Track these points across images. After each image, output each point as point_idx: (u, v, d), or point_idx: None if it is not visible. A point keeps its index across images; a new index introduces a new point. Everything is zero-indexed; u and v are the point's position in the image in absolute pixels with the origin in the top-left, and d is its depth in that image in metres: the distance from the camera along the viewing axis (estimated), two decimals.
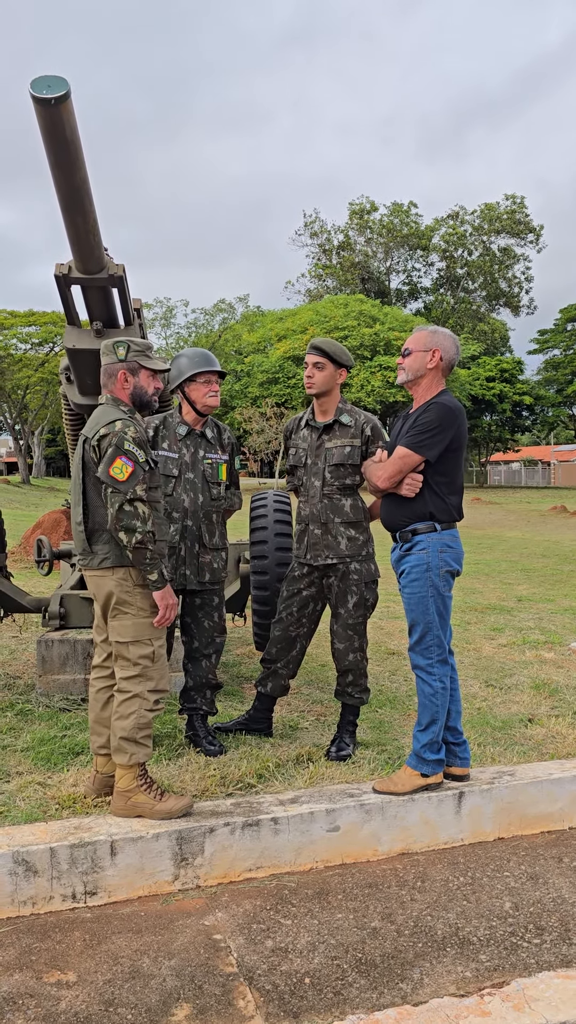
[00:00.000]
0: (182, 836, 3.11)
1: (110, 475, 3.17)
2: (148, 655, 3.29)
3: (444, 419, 3.36)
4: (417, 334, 3.50)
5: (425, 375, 3.46)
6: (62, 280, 4.23)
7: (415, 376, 3.47)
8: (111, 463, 3.17)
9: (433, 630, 3.43)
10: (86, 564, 3.36)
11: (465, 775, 3.57)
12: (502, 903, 2.99)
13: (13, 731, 4.27)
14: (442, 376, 3.49)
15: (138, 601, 3.29)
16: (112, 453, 3.18)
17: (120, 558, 3.27)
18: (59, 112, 3.31)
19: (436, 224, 57.71)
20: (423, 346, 3.46)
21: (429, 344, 3.45)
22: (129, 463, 3.18)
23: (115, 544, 3.27)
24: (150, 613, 3.31)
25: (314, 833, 3.27)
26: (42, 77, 3.30)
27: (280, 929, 2.82)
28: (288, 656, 4.14)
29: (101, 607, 3.38)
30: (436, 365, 3.45)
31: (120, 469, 3.17)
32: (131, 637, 3.27)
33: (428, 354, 3.45)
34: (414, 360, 3.46)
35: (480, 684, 5.30)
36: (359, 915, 2.90)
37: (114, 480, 3.17)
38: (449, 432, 3.37)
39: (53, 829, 3.10)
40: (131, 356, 3.36)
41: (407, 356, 3.48)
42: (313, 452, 4.01)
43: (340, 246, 57.83)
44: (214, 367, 4.01)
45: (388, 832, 3.37)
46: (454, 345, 3.48)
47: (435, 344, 3.45)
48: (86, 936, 2.79)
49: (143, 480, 3.23)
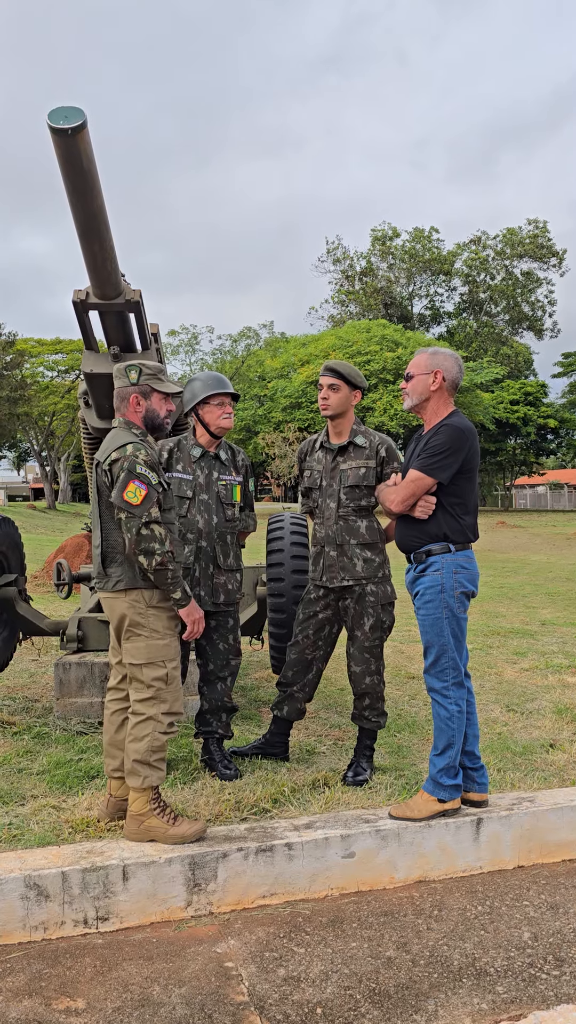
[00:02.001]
0: (195, 861, 3.07)
1: (124, 500, 3.18)
2: (162, 677, 3.27)
3: (455, 441, 3.35)
4: (417, 357, 3.49)
5: (430, 397, 3.45)
6: (80, 306, 4.28)
7: (420, 399, 3.46)
8: (124, 488, 3.18)
9: (448, 652, 3.38)
10: (101, 587, 3.37)
11: (483, 801, 3.51)
12: (521, 933, 2.91)
13: (30, 754, 4.26)
14: (448, 396, 3.47)
15: (151, 623, 3.28)
16: (125, 478, 3.19)
17: (133, 580, 3.27)
18: (76, 142, 3.38)
19: (458, 249, 57.99)
20: (424, 369, 3.45)
21: (430, 366, 3.44)
22: (142, 486, 3.19)
23: (128, 566, 3.27)
24: (164, 635, 3.30)
25: (329, 859, 3.22)
26: (59, 108, 3.37)
27: (293, 958, 2.77)
28: (304, 679, 4.11)
29: (115, 629, 3.38)
30: (439, 386, 3.44)
31: (134, 493, 3.18)
32: (144, 659, 3.27)
33: (430, 376, 3.43)
34: (417, 384, 3.45)
35: (501, 708, 5.22)
36: (374, 944, 2.85)
37: (128, 504, 3.18)
38: (461, 454, 3.35)
39: (65, 853, 3.08)
40: (143, 379, 3.38)
41: (409, 380, 3.47)
42: (328, 474, 4.01)
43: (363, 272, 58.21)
44: (227, 389, 4.03)
45: (404, 859, 3.31)
46: (456, 364, 3.46)
47: (436, 365, 3.44)
48: (97, 962, 2.75)
49: (157, 502, 3.24)
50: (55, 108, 3.37)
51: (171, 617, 3.35)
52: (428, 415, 3.47)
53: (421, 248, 57.34)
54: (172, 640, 3.34)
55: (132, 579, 3.27)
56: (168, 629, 3.33)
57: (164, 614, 3.32)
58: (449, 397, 3.48)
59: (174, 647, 3.34)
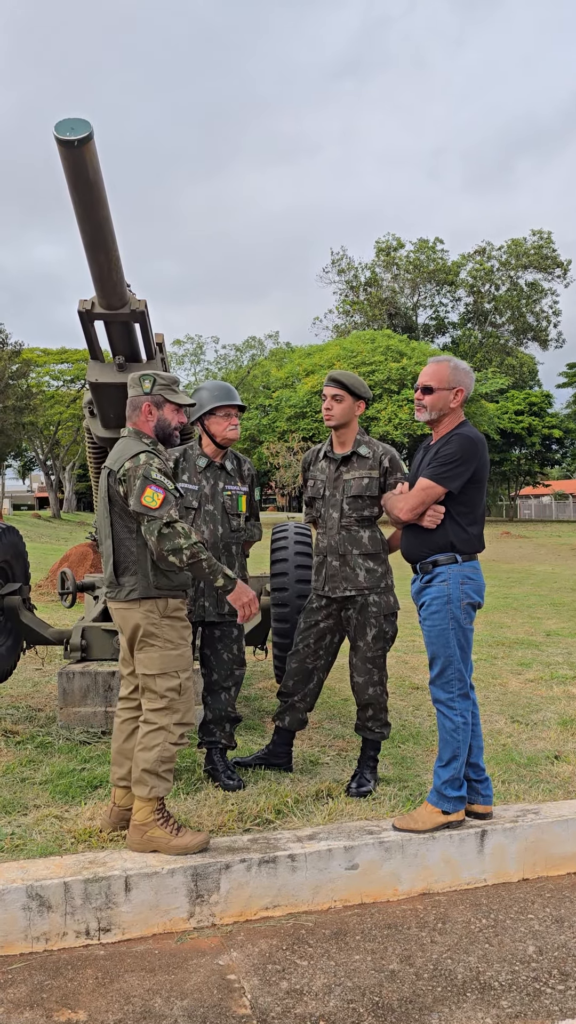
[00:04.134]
0: (198, 872, 3.06)
1: (143, 504, 3.18)
2: (175, 687, 3.26)
3: (467, 451, 3.34)
4: (437, 369, 3.43)
5: (448, 414, 3.45)
6: (85, 316, 4.30)
7: (439, 415, 3.45)
8: (142, 493, 3.19)
9: (454, 663, 3.37)
10: (113, 596, 3.36)
11: (488, 813, 3.49)
12: (525, 947, 2.89)
13: (33, 764, 4.26)
14: (461, 410, 3.48)
15: (165, 633, 3.28)
16: (141, 484, 3.19)
17: (147, 590, 3.27)
18: (82, 154, 3.40)
19: (463, 260, 58.08)
20: (446, 384, 3.41)
21: (452, 382, 3.41)
22: (159, 490, 3.20)
23: (142, 576, 3.27)
24: (177, 645, 3.29)
25: (332, 871, 3.20)
26: (66, 120, 3.40)
27: (296, 970, 2.75)
28: (305, 689, 4.10)
29: (128, 640, 3.37)
30: (459, 403, 3.44)
31: (152, 497, 3.19)
32: (158, 669, 3.26)
33: (451, 393, 3.42)
34: (437, 399, 3.43)
35: (506, 720, 5.20)
36: (377, 957, 2.83)
37: (148, 508, 3.18)
38: (472, 464, 3.35)
39: (68, 863, 3.07)
40: (157, 390, 3.39)
41: (429, 394, 3.43)
42: (331, 484, 4.01)
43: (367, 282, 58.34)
44: (234, 401, 4.04)
45: (408, 871, 3.29)
46: (471, 379, 3.46)
47: (458, 383, 3.42)
48: (98, 974, 2.74)
49: (176, 504, 3.25)
50: (62, 120, 3.40)
51: (184, 627, 3.35)
52: (441, 428, 3.47)
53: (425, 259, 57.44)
54: (186, 650, 3.33)
55: (146, 588, 3.27)
56: (182, 639, 3.32)
57: (178, 624, 3.32)
58: (461, 411, 3.49)
59: (187, 657, 3.33)
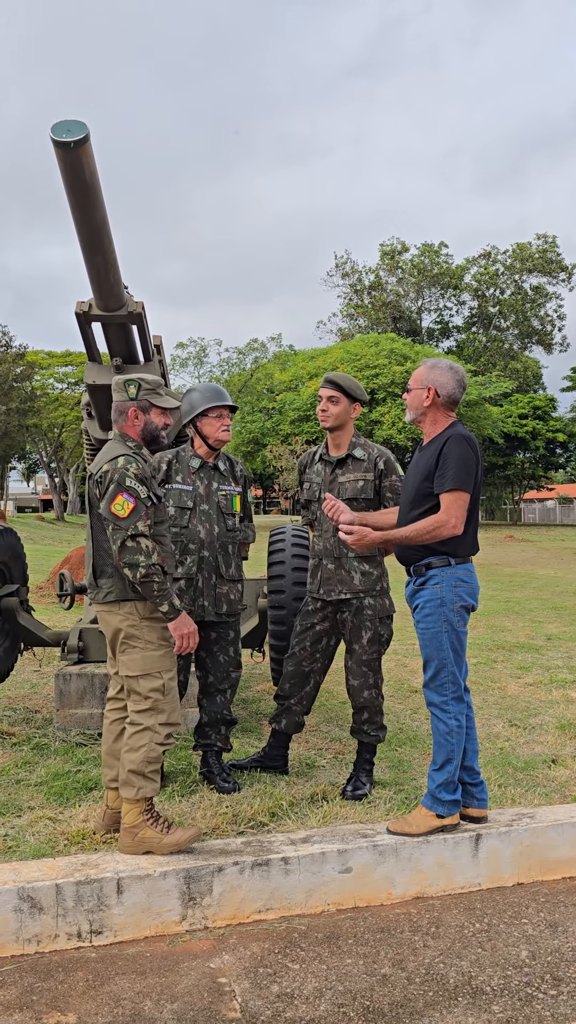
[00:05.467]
0: (190, 875, 3.05)
1: (112, 512, 3.19)
2: (159, 688, 3.26)
3: (463, 450, 3.33)
4: (418, 370, 3.48)
5: (426, 412, 3.44)
6: (83, 317, 4.31)
7: (417, 413, 3.45)
8: (112, 500, 3.19)
9: (448, 666, 3.36)
10: (93, 598, 3.37)
11: (483, 817, 3.47)
12: (518, 952, 2.88)
13: (28, 765, 4.25)
14: (445, 411, 3.45)
15: (146, 635, 3.28)
16: (113, 490, 3.20)
17: (124, 592, 3.27)
18: (78, 155, 3.41)
19: (467, 263, 58.08)
20: (420, 383, 3.43)
21: (424, 381, 3.42)
22: (130, 499, 3.19)
23: (119, 578, 3.27)
24: (159, 646, 3.29)
25: (326, 874, 3.19)
26: (62, 122, 3.41)
27: (287, 974, 2.74)
28: (302, 692, 4.09)
29: (109, 642, 3.38)
30: (432, 402, 3.42)
31: (121, 506, 3.19)
32: (140, 671, 3.26)
33: (423, 392, 3.42)
34: (413, 397, 3.45)
35: (504, 723, 5.18)
36: (369, 961, 2.82)
37: (115, 517, 3.18)
38: (472, 461, 3.34)
39: (60, 865, 3.06)
40: (142, 395, 3.39)
41: (408, 393, 3.47)
42: (327, 486, 4.00)
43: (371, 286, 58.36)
44: (226, 402, 4.04)
45: (402, 875, 3.28)
46: (452, 379, 3.41)
47: (430, 381, 3.41)
48: (89, 976, 2.73)
49: (145, 516, 3.23)
50: (58, 122, 3.40)
51: (166, 628, 3.34)
52: (427, 427, 3.47)
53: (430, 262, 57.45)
54: (168, 651, 3.33)
55: (123, 591, 3.27)
56: (163, 640, 3.32)
57: (158, 625, 3.32)
58: (446, 411, 3.46)
59: (170, 658, 3.33)
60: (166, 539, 3.43)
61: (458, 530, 3.32)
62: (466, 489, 3.31)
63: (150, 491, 3.29)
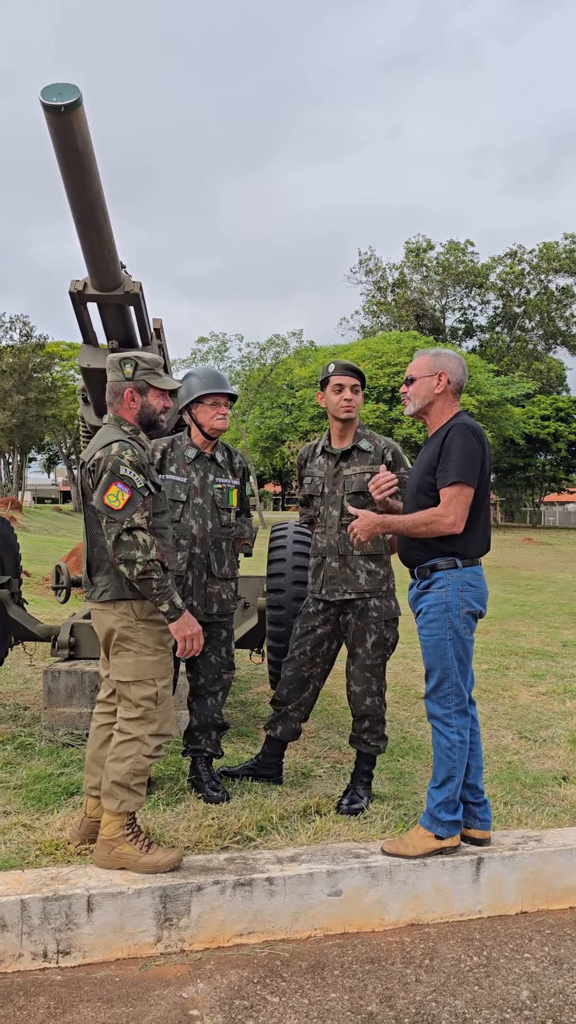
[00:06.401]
0: (167, 894, 2.84)
1: (105, 503, 2.95)
2: (151, 696, 3.04)
3: (470, 440, 3.08)
4: (418, 360, 3.24)
5: (435, 401, 3.20)
6: (77, 297, 4.09)
7: (424, 403, 3.21)
8: (106, 490, 2.95)
9: (451, 677, 3.12)
10: (88, 596, 3.15)
11: (485, 839, 3.23)
12: (519, 991, 2.64)
13: (10, 766, 4.06)
14: (453, 399, 3.21)
15: (141, 638, 3.05)
16: (107, 479, 2.96)
17: (120, 591, 3.04)
18: (70, 120, 3.19)
19: (493, 262, 57.47)
20: (427, 371, 3.19)
21: (434, 367, 3.19)
22: (125, 489, 2.96)
23: (115, 576, 3.04)
24: (154, 651, 3.07)
25: (313, 897, 2.96)
26: (53, 84, 3.19)
27: (265, 1008, 2.52)
28: (300, 698, 3.86)
29: (103, 642, 3.16)
30: (444, 389, 3.18)
31: (115, 497, 2.95)
32: (132, 676, 3.03)
33: (434, 378, 3.18)
34: (420, 387, 3.20)
35: (513, 735, 4.92)
36: (355, 996, 2.59)
37: (109, 509, 2.95)
38: (479, 452, 3.10)
39: (28, 879, 2.86)
40: (139, 375, 3.15)
41: (411, 384, 3.22)
42: (330, 480, 3.77)
43: (395, 283, 57.90)
44: (224, 389, 3.81)
45: (396, 900, 3.05)
46: (460, 365, 3.20)
47: (440, 367, 3.19)
48: (51, 1003, 2.53)
49: (142, 507, 3.00)
50: (48, 85, 3.18)
51: (163, 631, 3.11)
52: (432, 419, 3.22)
53: (455, 261, 56.88)
54: (164, 657, 3.10)
55: (119, 589, 3.05)
56: (160, 644, 3.09)
57: (155, 628, 3.09)
58: (454, 400, 3.22)
59: (165, 664, 3.11)
60: (167, 532, 3.20)
61: (456, 528, 3.07)
62: (470, 483, 3.06)
63: (148, 479, 3.05)
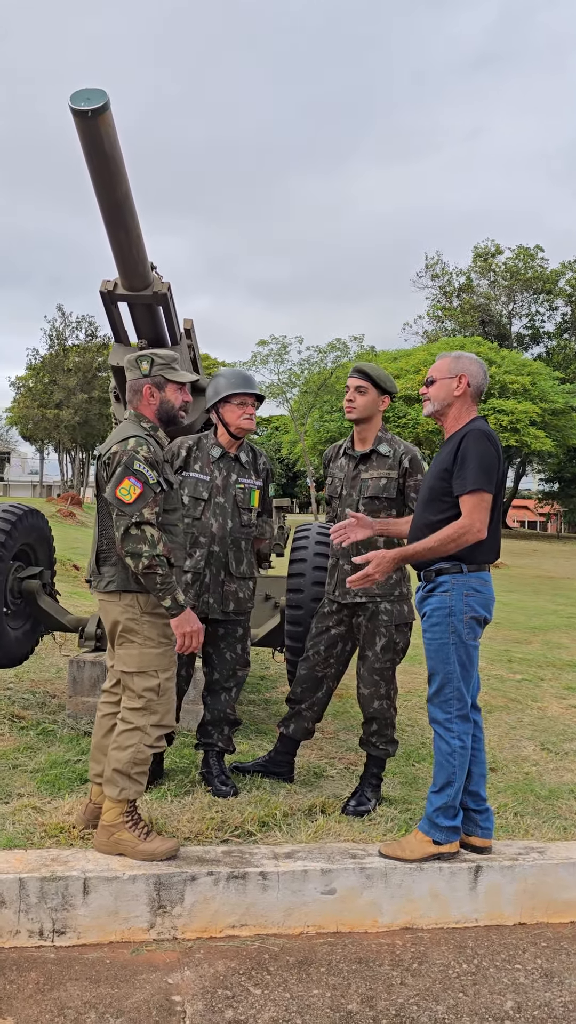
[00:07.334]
0: (161, 881, 2.89)
1: (117, 496, 3.03)
2: (153, 688, 3.11)
3: (485, 446, 3.07)
4: (440, 362, 3.25)
5: (453, 403, 3.19)
6: (107, 296, 4.20)
7: (442, 405, 3.21)
8: (118, 484, 3.03)
9: (453, 682, 3.11)
10: (95, 587, 3.23)
11: (486, 847, 3.20)
12: (503, 1001, 2.61)
13: (30, 750, 4.17)
14: (472, 403, 3.21)
15: (145, 630, 3.12)
16: (120, 473, 3.04)
17: (126, 582, 3.12)
18: (97, 125, 3.29)
19: (563, 268, 56.37)
20: (448, 373, 3.19)
21: (454, 370, 3.19)
22: (137, 484, 3.03)
23: (122, 567, 3.12)
24: (158, 643, 3.13)
25: (307, 894, 2.98)
26: (82, 90, 3.29)
27: (246, 999, 2.55)
28: (313, 697, 3.88)
29: (108, 633, 3.24)
30: (464, 392, 3.18)
31: (127, 490, 3.02)
32: (136, 668, 3.11)
33: (454, 380, 3.18)
34: (439, 389, 3.20)
35: (535, 746, 4.85)
36: (337, 994, 2.60)
37: (120, 502, 3.02)
38: (494, 458, 3.08)
39: (30, 858, 2.95)
40: (156, 371, 3.23)
41: (431, 385, 3.23)
42: (349, 482, 3.79)
43: (461, 288, 57.27)
44: (251, 389, 3.86)
45: (391, 902, 3.05)
46: (480, 369, 3.20)
47: (460, 370, 3.19)
48: (41, 979, 2.61)
49: (153, 503, 3.07)
50: (78, 90, 3.29)
51: (167, 624, 3.18)
52: (449, 422, 3.22)
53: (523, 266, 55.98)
54: (167, 649, 3.17)
55: (124, 581, 3.12)
56: (164, 637, 3.16)
57: (160, 621, 3.15)
58: (472, 404, 3.21)
59: (169, 656, 3.17)
60: (176, 529, 3.26)
61: (483, 534, 3.06)
62: (488, 489, 3.04)
63: (160, 476, 3.12)
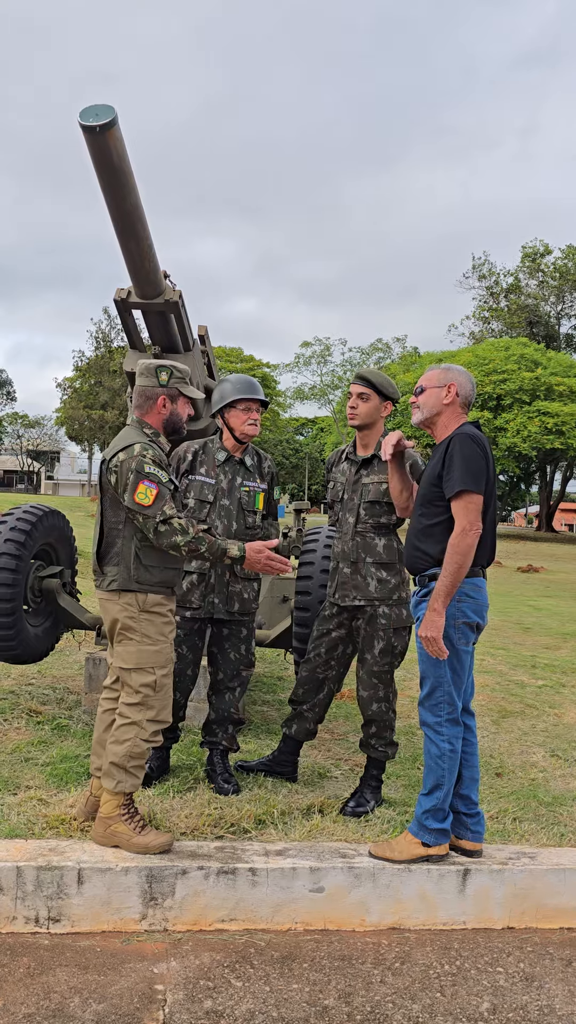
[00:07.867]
0: (153, 874, 2.98)
1: (136, 502, 3.14)
2: (150, 684, 3.21)
3: (471, 448, 3.10)
4: (430, 372, 3.31)
5: (442, 412, 3.24)
6: (121, 304, 4.31)
7: (431, 413, 3.25)
8: (134, 490, 3.14)
9: (444, 686, 3.14)
10: (97, 585, 3.35)
11: (476, 851, 3.23)
12: (479, 1003, 2.64)
13: (43, 744, 4.31)
14: (461, 412, 3.25)
15: (143, 628, 3.23)
16: (134, 479, 3.15)
17: (127, 582, 3.22)
18: (106, 139, 3.40)
19: None
20: (437, 382, 3.24)
21: (443, 380, 3.23)
22: (152, 486, 3.14)
23: (123, 567, 3.23)
24: (155, 641, 3.24)
25: (295, 891, 3.05)
26: (91, 106, 3.41)
27: (226, 990, 2.63)
28: (315, 699, 3.94)
29: (108, 630, 3.35)
30: (452, 400, 3.22)
31: (144, 494, 3.14)
32: (134, 664, 3.21)
33: (443, 389, 3.22)
34: (428, 397, 3.25)
35: (544, 752, 4.84)
36: (316, 989, 2.66)
37: (141, 506, 3.13)
38: (482, 460, 3.11)
39: (29, 848, 3.06)
40: (173, 383, 3.34)
41: (421, 394, 3.27)
42: (350, 487, 3.84)
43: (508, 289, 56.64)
44: (256, 395, 3.94)
45: (379, 902, 3.09)
46: (469, 381, 3.25)
47: (450, 379, 3.23)
48: (32, 964, 2.71)
49: (170, 499, 3.19)
50: (87, 107, 3.41)
51: (166, 623, 3.28)
52: (439, 430, 3.26)
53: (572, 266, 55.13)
54: (164, 646, 3.27)
55: (126, 580, 3.23)
56: (161, 635, 3.26)
57: (158, 619, 3.26)
58: (462, 412, 3.25)
59: (166, 654, 3.27)
60: None
61: (478, 530, 3.10)
62: (475, 490, 3.07)
63: (169, 476, 3.25)
